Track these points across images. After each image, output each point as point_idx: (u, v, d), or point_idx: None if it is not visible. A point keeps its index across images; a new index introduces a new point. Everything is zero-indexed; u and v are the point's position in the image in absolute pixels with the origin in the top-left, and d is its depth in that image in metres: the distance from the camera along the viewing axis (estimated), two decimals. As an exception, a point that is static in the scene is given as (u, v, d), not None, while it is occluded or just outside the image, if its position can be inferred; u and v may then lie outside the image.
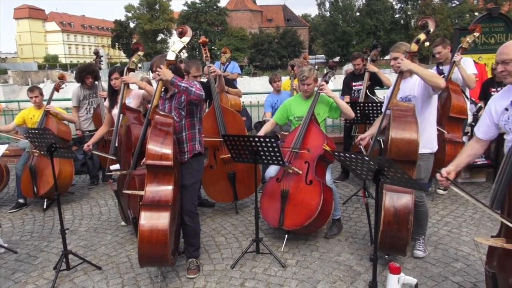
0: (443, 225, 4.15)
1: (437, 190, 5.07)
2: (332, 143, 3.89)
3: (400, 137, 3.10)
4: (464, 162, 2.66)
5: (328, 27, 53.33)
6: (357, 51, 5.96)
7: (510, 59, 2.29)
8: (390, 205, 3.12)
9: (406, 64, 3.19)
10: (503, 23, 6.47)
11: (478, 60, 6.47)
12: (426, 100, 3.34)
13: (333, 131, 8.00)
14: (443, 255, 3.51)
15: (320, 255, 3.61)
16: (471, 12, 48.66)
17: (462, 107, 4.31)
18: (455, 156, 4.28)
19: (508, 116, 2.40)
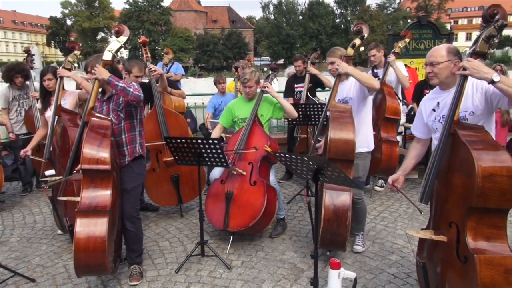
0: (380, 220, 4.38)
1: (375, 187, 5.34)
2: (275, 144, 3.96)
3: (338, 137, 3.24)
4: (410, 165, 2.81)
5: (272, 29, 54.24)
6: (299, 54, 6.12)
7: (437, 61, 2.47)
8: (330, 203, 3.24)
9: (344, 67, 3.33)
10: (431, 30, 6.97)
11: (410, 64, 6.90)
12: (362, 101, 3.51)
13: (278, 132, 8.14)
14: (380, 249, 3.71)
15: (265, 254, 3.66)
16: (405, 19, 51.86)
17: (396, 108, 4.58)
18: (390, 155, 4.61)
19: (435, 116, 2.58)
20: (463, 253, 2.12)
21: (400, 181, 2.72)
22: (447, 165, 2.29)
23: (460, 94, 2.26)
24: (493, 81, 2.11)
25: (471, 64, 2.16)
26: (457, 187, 2.20)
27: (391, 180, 2.72)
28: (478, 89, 2.39)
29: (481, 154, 2.05)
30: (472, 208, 2.08)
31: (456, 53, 2.47)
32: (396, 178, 2.72)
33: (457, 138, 2.20)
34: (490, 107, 2.39)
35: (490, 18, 2.26)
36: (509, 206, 2.07)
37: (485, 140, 2.17)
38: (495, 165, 2.03)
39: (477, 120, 2.39)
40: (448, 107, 2.33)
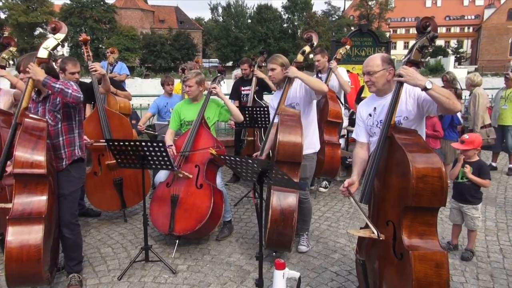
0: (324, 220, 4.52)
1: (319, 188, 5.50)
2: (222, 146, 3.95)
3: (287, 140, 3.30)
4: (361, 170, 2.77)
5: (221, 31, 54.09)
6: (246, 57, 6.16)
7: (374, 70, 2.59)
8: (277, 204, 3.29)
9: (294, 72, 3.41)
10: (371, 38, 7.32)
11: (352, 70, 7.19)
12: (308, 105, 3.61)
13: (225, 135, 8.12)
14: (324, 248, 3.82)
15: (212, 257, 3.63)
16: (348, 26, 53.97)
17: (338, 112, 4.76)
18: (333, 156, 4.77)
19: (372, 121, 2.71)
20: (399, 250, 2.24)
21: (355, 186, 2.67)
22: (385, 166, 2.42)
23: (396, 100, 2.39)
24: (426, 88, 2.26)
25: (406, 72, 2.30)
26: (394, 187, 2.33)
27: (347, 183, 2.66)
28: (411, 96, 2.55)
29: (415, 157, 2.19)
30: (407, 207, 2.20)
31: (390, 62, 2.61)
32: (352, 182, 2.67)
33: (394, 141, 2.33)
34: (422, 112, 2.56)
35: (423, 30, 2.42)
36: (439, 205, 2.22)
37: (418, 143, 2.32)
38: (428, 166, 2.17)
39: (410, 124, 2.55)
40: (385, 112, 2.46)
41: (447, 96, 2.28)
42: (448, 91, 2.36)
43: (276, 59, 3.58)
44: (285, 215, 3.28)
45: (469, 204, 3.58)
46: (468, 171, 3.52)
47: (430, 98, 2.35)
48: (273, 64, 3.56)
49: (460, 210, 3.65)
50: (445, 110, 2.38)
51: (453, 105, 2.29)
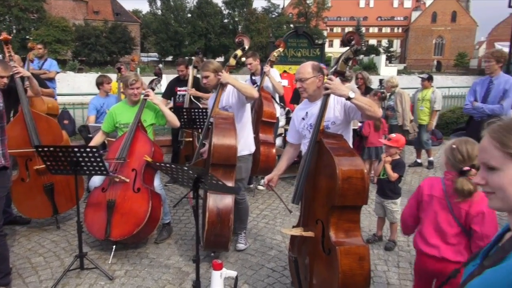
0: (262, 218, 4.68)
1: (258, 187, 5.65)
2: (159, 150, 3.94)
3: (221, 143, 3.37)
4: (283, 166, 3.08)
5: (160, 25, 52.68)
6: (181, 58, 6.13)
7: (305, 77, 2.76)
8: (213, 206, 3.36)
9: (225, 77, 3.49)
10: (306, 40, 7.62)
11: (289, 70, 7.45)
12: (241, 108, 3.71)
13: (164, 134, 8.01)
14: (261, 245, 3.97)
15: (150, 261, 3.63)
16: (288, 23, 55.13)
17: (272, 112, 4.94)
18: (268, 155, 4.94)
19: (304, 124, 2.88)
20: (327, 246, 2.42)
21: (274, 180, 2.99)
22: (315, 169, 2.58)
23: (324, 108, 2.57)
24: (349, 98, 2.46)
25: (331, 84, 2.48)
26: (322, 188, 2.51)
27: (266, 180, 2.96)
28: (339, 102, 2.75)
29: (341, 160, 2.38)
30: (334, 206, 2.39)
31: (319, 70, 2.80)
32: (271, 178, 2.98)
33: (322, 145, 2.50)
34: (348, 118, 2.77)
35: (347, 42, 2.61)
36: (362, 203, 2.43)
37: (344, 147, 2.52)
38: (352, 168, 2.37)
39: (337, 129, 2.74)
40: (314, 117, 2.64)
41: (368, 105, 2.51)
42: (369, 100, 2.59)
43: (208, 66, 3.63)
44: (222, 217, 3.35)
45: (389, 199, 3.92)
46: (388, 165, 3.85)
47: (354, 106, 2.56)
48: (205, 72, 3.62)
49: (382, 204, 3.98)
50: (367, 117, 2.61)
51: (374, 112, 2.52)
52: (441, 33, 62.54)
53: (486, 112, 4.51)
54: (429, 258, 2.24)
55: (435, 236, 2.22)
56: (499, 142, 1.03)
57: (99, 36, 47.93)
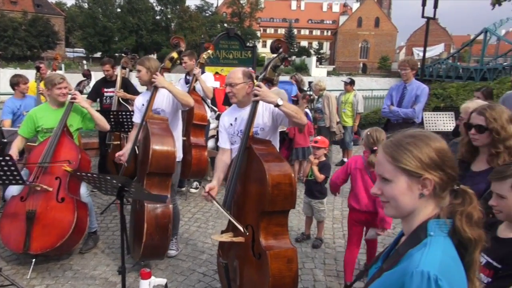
0: (194, 222, 4.65)
1: (190, 190, 5.61)
2: (86, 156, 3.75)
3: (160, 151, 3.26)
4: (222, 175, 2.95)
5: (87, 19, 49.86)
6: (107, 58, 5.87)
7: (235, 83, 2.79)
8: (152, 217, 3.24)
9: (161, 81, 3.41)
10: (238, 42, 7.69)
11: (221, 72, 7.46)
12: (175, 113, 3.66)
13: (91, 136, 7.63)
14: (193, 250, 3.95)
15: (74, 273, 3.45)
16: (221, 22, 55.13)
17: (203, 115, 4.93)
18: (199, 158, 4.93)
19: (233, 130, 2.91)
20: (257, 251, 2.47)
21: (215, 190, 2.82)
22: (245, 174, 2.62)
23: (254, 114, 2.61)
24: (277, 105, 2.53)
25: (261, 91, 2.53)
26: (253, 194, 2.55)
27: (207, 188, 2.86)
28: (267, 109, 2.81)
29: (271, 166, 2.44)
30: (264, 212, 2.45)
31: (249, 76, 2.84)
32: (212, 187, 2.81)
33: (252, 152, 2.54)
34: (276, 124, 2.84)
35: (275, 50, 2.68)
36: (290, 207, 2.52)
37: (272, 153, 2.59)
38: (281, 174, 2.44)
39: (266, 135, 2.81)
40: (244, 123, 2.68)
41: (295, 112, 2.59)
42: (296, 108, 2.68)
43: (144, 62, 3.53)
44: (161, 228, 3.26)
45: (316, 199, 4.11)
46: (315, 167, 4.03)
47: (282, 113, 2.64)
48: (139, 66, 3.52)
49: (310, 204, 4.16)
50: (294, 124, 2.70)
51: (300, 119, 2.62)
52: (366, 37, 66.50)
53: (401, 116, 4.91)
54: (360, 212, 3.21)
55: (363, 196, 3.18)
56: (391, 156, 1.14)
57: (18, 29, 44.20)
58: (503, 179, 1.59)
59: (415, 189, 1.12)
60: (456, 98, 10.59)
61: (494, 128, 2.08)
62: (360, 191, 3.18)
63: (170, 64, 3.68)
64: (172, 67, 3.79)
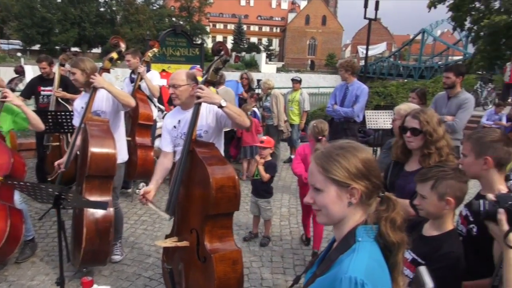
0: (140, 224, 4.55)
1: (136, 191, 5.46)
2: (21, 159, 3.52)
3: (100, 153, 3.15)
4: (160, 178, 2.93)
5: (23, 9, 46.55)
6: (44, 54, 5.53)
7: (179, 84, 2.75)
8: (92, 221, 3.11)
9: (100, 82, 3.28)
10: (185, 39, 7.58)
11: (168, 69, 7.33)
12: (116, 114, 3.55)
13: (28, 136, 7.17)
14: (138, 254, 3.86)
15: (9, 284, 3.25)
16: (169, 16, 53.84)
17: (149, 114, 4.82)
18: (146, 158, 4.83)
19: (176, 133, 2.88)
20: (203, 254, 2.47)
21: (151, 194, 2.82)
22: (188, 178, 2.60)
23: (196, 117, 2.59)
24: (221, 106, 2.53)
25: (203, 93, 2.51)
26: (196, 197, 2.54)
27: (143, 191, 2.85)
28: (211, 111, 2.80)
29: (214, 169, 2.44)
30: (209, 215, 2.45)
31: (193, 78, 2.82)
32: (148, 191, 2.82)
33: (195, 155, 2.53)
34: (220, 126, 2.85)
35: (217, 53, 2.68)
36: (234, 210, 2.54)
37: (216, 156, 2.59)
38: (224, 177, 2.45)
39: (210, 137, 2.81)
40: (188, 125, 2.66)
41: (238, 113, 2.61)
42: (239, 109, 2.71)
43: (78, 64, 3.39)
44: (101, 232, 3.15)
45: (263, 198, 4.17)
46: (261, 166, 4.09)
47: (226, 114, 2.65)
48: (73, 68, 3.39)
49: (257, 203, 4.22)
50: (237, 125, 2.73)
51: (243, 121, 2.64)
52: (314, 34, 68.09)
53: (342, 115, 5.11)
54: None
55: None
56: (322, 167, 1.20)
57: None
58: (425, 180, 1.72)
59: (344, 198, 1.18)
60: (396, 96, 11.19)
61: (428, 130, 2.23)
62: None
63: (110, 64, 3.57)
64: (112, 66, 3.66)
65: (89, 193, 3.14)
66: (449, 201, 1.66)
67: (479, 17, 19.77)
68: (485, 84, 11.77)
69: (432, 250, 1.66)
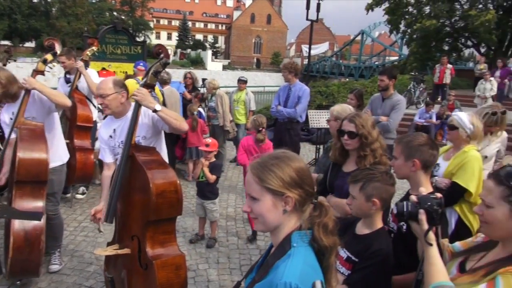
0: (81, 231, 4.36)
1: (76, 196, 5.23)
2: None
3: (29, 157, 2.98)
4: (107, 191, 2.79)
5: None
6: None
7: (107, 94, 2.66)
8: (20, 229, 2.93)
9: (32, 83, 3.12)
10: (126, 37, 7.34)
11: (108, 67, 7.07)
12: (48, 116, 3.37)
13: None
14: (79, 262, 3.71)
15: None
16: (110, 10, 51.67)
17: (88, 116, 4.63)
18: (85, 162, 4.63)
19: (114, 142, 2.79)
20: (144, 261, 2.43)
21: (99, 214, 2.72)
22: (128, 184, 2.54)
23: (136, 121, 2.52)
24: (155, 110, 2.48)
25: (140, 93, 2.46)
26: (137, 204, 2.49)
27: (94, 211, 2.73)
28: (146, 116, 2.74)
29: (155, 174, 2.40)
30: (150, 221, 2.41)
31: (121, 85, 2.74)
32: (99, 209, 2.72)
33: (135, 160, 2.47)
34: (157, 130, 2.80)
35: (156, 56, 2.63)
36: (176, 214, 2.51)
37: (156, 161, 2.54)
38: (165, 182, 2.41)
39: (150, 143, 2.76)
40: (125, 133, 2.59)
41: (174, 118, 2.58)
42: (176, 114, 2.67)
43: None
44: (31, 240, 2.97)
45: (208, 200, 4.18)
46: (206, 168, 4.10)
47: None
48: None
49: (203, 205, 4.22)
50: (174, 130, 2.67)
51: (180, 126, 2.61)
52: (259, 33, 68.77)
53: (285, 115, 5.25)
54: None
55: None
56: (258, 177, 1.24)
57: None
58: (355, 182, 1.85)
59: (279, 206, 1.24)
60: (337, 96, 11.62)
61: (363, 133, 2.37)
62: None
63: (44, 67, 3.40)
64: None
65: (20, 199, 2.96)
66: (375, 202, 1.78)
67: (412, 21, 21.03)
68: (418, 84, 12.59)
69: (364, 248, 1.77)
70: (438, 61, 13.97)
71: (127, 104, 2.71)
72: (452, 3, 19.45)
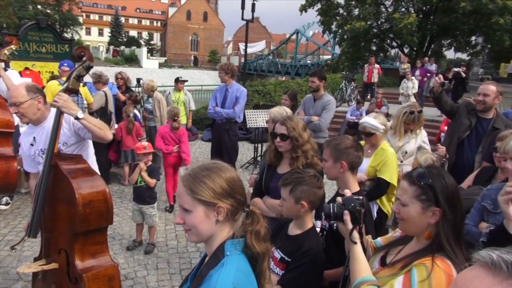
0: (5, 245, 4.05)
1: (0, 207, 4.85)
2: None
3: None
4: None
5: None
6: None
7: (20, 101, 2.47)
8: None
9: None
10: (52, 34, 6.89)
11: (32, 67, 6.60)
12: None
13: None
14: (4, 279, 3.45)
15: None
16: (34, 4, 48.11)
17: (9, 120, 4.25)
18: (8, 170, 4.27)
19: (34, 150, 2.62)
20: (74, 275, 2.30)
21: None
22: (53, 195, 2.38)
23: (57, 128, 2.36)
24: (77, 117, 2.36)
25: (61, 99, 2.32)
26: (62, 215, 2.34)
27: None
28: (67, 122, 2.58)
29: (80, 183, 2.27)
30: (77, 233, 2.29)
31: (36, 90, 2.57)
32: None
33: (59, 169, 2.32)
34: (79, 138, 2.64)
35: (78, 59, 2.50)
36: (107, 224, 2.41)
37: (83, 169, 2.41)
38: (93, 191, 2.30)
39: (73, 150, 2.60)
40: (44, 141, 2.44)
41: (98, 126, 2.48)
42: (101, 122, 2.55)
43: None
44: None
45: (147, 204, 4.08)
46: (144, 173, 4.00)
47: None
48: None
49: (141, 210, 4.11)
50: (97, 139, 2.56)
51: (104, 134, 2.51)
52: (196, 30, 67.90)
53: (224, 116, 5.26)
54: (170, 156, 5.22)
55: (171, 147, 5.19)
56: (189, 189, 1.25)
57: None
58: (285, 185, 1.92)
59: (211, 216, 1.25)
60: (274, 95, 11.86)
61: (294, 136, 2.46)
62: (169, 144, 5.15)
63: None
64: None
65: None
66: (304, 205, 1.87)
67: (343, 22, 22.08)
68: (349, 82, 13.23)
69: (295, 248, 1.84)
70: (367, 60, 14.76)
71: (45, 109, 2.54)
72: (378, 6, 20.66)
